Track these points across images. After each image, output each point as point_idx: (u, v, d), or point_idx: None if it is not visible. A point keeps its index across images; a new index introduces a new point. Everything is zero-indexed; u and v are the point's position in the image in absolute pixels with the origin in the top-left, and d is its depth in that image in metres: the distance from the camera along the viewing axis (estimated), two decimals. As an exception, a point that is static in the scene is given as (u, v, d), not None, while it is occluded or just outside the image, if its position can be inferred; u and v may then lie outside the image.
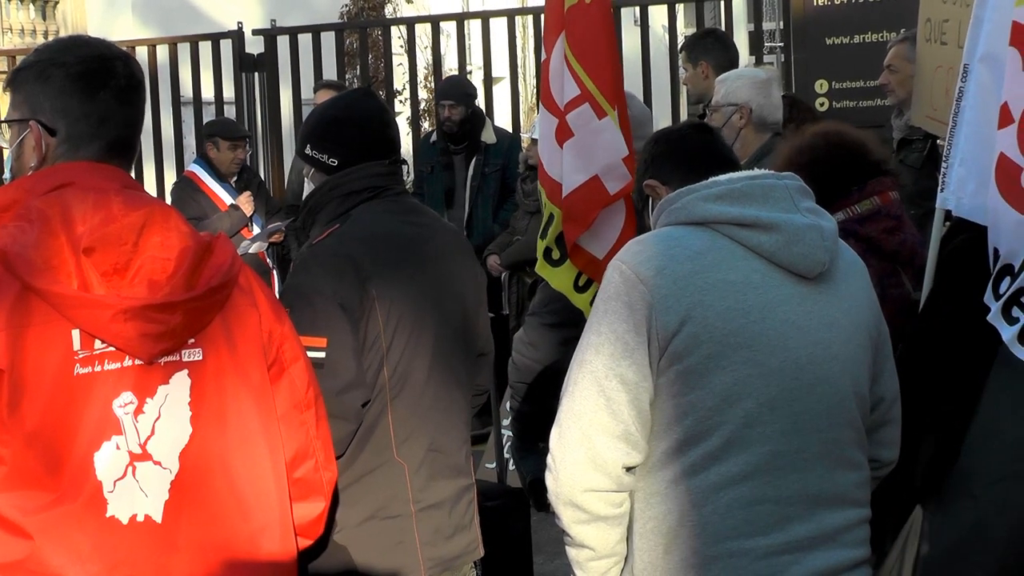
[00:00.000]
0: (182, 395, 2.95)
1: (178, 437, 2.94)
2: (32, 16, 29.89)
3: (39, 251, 2.80)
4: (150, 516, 2.89)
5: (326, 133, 4.34)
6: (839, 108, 9.16)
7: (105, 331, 2.82)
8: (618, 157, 5.28)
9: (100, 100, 3.03)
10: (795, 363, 3.33)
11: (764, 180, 3.48)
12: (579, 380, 3.34)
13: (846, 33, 9.24)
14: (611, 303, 3.34)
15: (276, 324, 3.20)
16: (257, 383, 3.10)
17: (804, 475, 3.33)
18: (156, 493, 2.90)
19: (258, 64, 12.34)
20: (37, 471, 2.78)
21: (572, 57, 5.36)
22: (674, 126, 4.49)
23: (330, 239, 4.15)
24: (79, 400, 2.81)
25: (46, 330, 2.79)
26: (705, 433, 3.27)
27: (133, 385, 2.88)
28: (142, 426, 2.88)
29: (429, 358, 4.16)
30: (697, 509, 3.28)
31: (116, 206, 2.91)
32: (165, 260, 2.91)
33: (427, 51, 15.55)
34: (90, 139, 3.02)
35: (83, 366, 2.82)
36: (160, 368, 2.92)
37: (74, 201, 2.88)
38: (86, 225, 2.84)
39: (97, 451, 2.83)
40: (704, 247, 3.36)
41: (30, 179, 2.99)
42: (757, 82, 6.50)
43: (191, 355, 2.97)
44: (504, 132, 10.83)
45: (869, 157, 4.76)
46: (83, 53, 3.07)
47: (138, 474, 2.88)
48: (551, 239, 5.52)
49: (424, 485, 4.15)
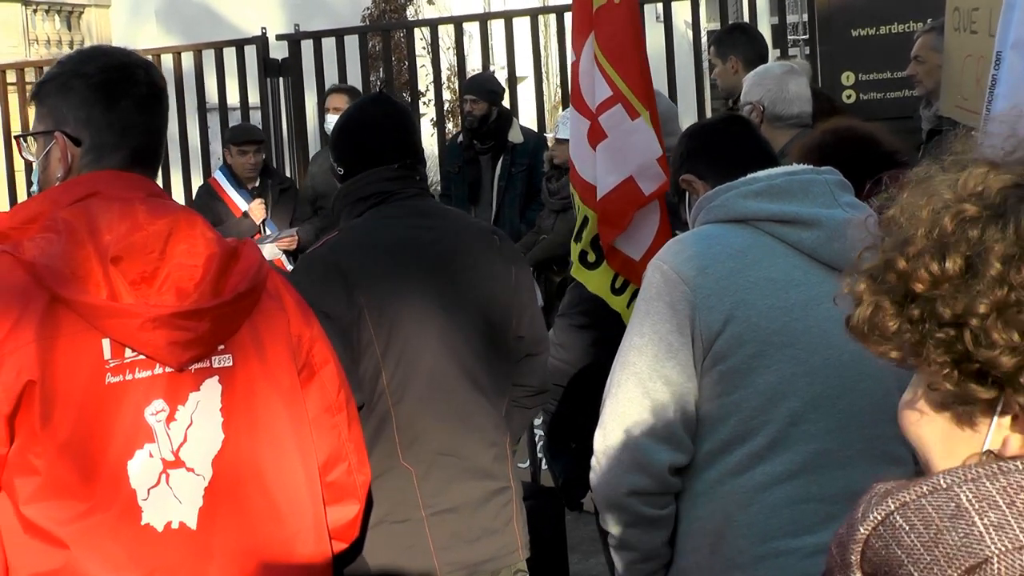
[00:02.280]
0: (213, 401, 2.95)
1: (211, 443, 2.94)
2: (58, 27, 30.03)
3: (67, 262, 2.79)
4: (185, 523, 2.88)
5: (335, 142, 4.41)
6: (866, 100, 9.11)
7: (134, 339, 2.82)
8: (652, 157, 5.25)
9: (122, 109, 3.02)
10: (838, 360, 3.31)
11: (803, 175, 3.46)
12: (623, 382, 3.33)
13: (872, 24, 9.18)
14: (653, 303, 3.32)
15: (305, 327, 3.19)
16: (288, 387, 3.10)
17: (849, 472, 3.31)
18: (190, 500, 2.90)
19: (283, 69, 12.34)
20: (71, 481, 2.78)
21: (603, 58, 5.34)
22: (709, 119, 4.46)
23: (323, 247, 4.19)
24: (111, 409, 2.81)
25: (76, 340, 2.79)
26: (750, 433, 3.26)
27: (164, 393, 2.88)
28: (174, 433, 2.88)
29: (433, 362, 4.14)
30: (743, 509, 3.27)
31: (142, 215, 2.90)
32: (192, 267, 2.91)
33: (449, 52, 15.57)
34: (113, 148, 3.01)
35: (114, 375, 2.82)
36: (191, 375, 2.91)
37: (100, 211, 2.88)
38: (113, 234, 2.84)
39: (130, 459, 2.83)
40: (745, 245, 3.35)
41: (55, 191, 2.99)
42: (769, 77, 6.47)
43: (221, 361, 2.97)
44: (531, 132, 10.81)
45: (880, 148, 4.72)
46: (104, 63, 3.07)
47: (172, 481, 2.88)
48: (586, 242, 5.49)
49: (436, 489, 4.13)
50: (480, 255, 4.31)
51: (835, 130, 4.67)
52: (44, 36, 29.30)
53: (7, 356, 2.73)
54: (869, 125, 4.91)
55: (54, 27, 29.80)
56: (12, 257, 2.82)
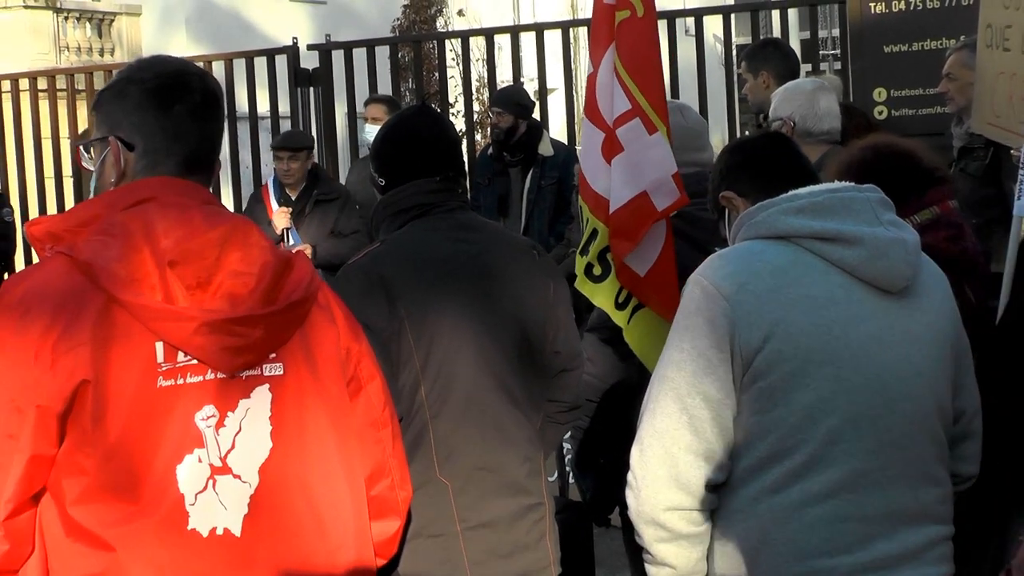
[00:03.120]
0: (263, 409, 2.95)
1: (258, 451, 2.94)
2: (88, 34, 30.16)
3: (123, 264, 2.81)
4: (229, 530, 2.88)
5: (377, 153, 4.39)
6: (898, 116, 9.08)
7: (188, 343, 2.83)
8: (667, 173, 5.23)
9: (175, 115, 3.03)
10: (879, 379, 3.30)
11: (845, 193, 3.45)
12: (660, 397, 3.32)
13: (904, 41, 9.15)
14: (692, 319, 3.32)
15: (354, 341, 3.20)
16: (336, 399, 3.10)
17: (887, 492, 3.30)
18: (236, 507, 2.90)
19: (313, 79, 12.37)
20: (119, 483, 2.78)
21: (623, 71, 5.32)
22: (749, 136, 4.45)
23: (365, 259, 4.17)
24: (162, 412, 2.82)
25: (130, 342, 2.79)
26: (788, 451, 3.25)
27: (215, 398, 2.88)
28: (223, 439, 2.89)
29: (472, 376, 4.13)
30: (780, 527, 3.26)
31: (198, 221, 2.91)
32: (247, 275, 2.91)
33: (478, 63, 15.59)
34: (167, 154, 3.03)
35: (166, 379, 2.82)
36: (242, 382, 2.92)
37: (156, 216, 2.89)
38: (169, 239, 2.85)
39: (179, 464, 2.83)
40: (786, 262, 3.34)
41: (111, 194, 3.00)
42: (798, 93, 6.46)
43: (272, 370, 2.97)
44: (561, 144, 10.79)
45: (922, 165, 4.71)
46: (159, 70, 3.09)
47: (218, 487, 2.88)
48: (593, 255, 5.48)
49: (472, 504, 4.12)
50: (520, 269, 4.31)
51: (875, 146, 4.65)
52: (75, 43, 29.44)
53: (61, 355, 2.74)
54: (909, 141, 4.90)
55: (85, 34, 29.94)
56: (68, 258, 2.83)
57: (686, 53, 10.72)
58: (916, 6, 9.13)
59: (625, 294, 5.33)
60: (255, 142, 12.48)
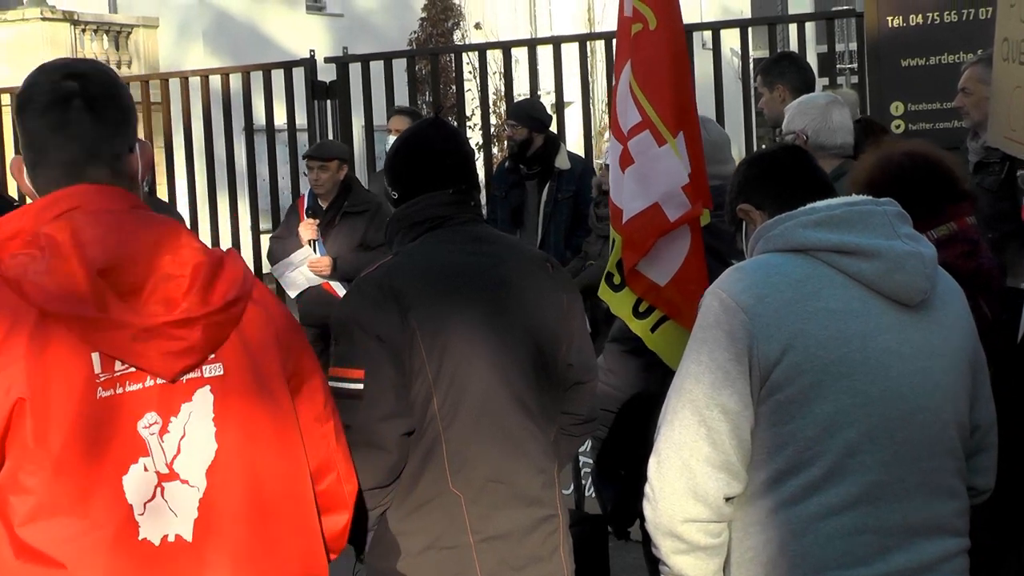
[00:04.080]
0: (205, 411, 2.93)
1: (204, 454, 2.91)
2: (105, 46, 30.26)
3: (53, 277, 2.78)
4: (181, 536, 2.86)
5: (390, 165, 4.40)
6: (915, 130, 9.09)
7: (126, 352, 2.80)
8: (677, 185, 5.24)
9: (55, 117, 3.00)
10: (896, 392, 3.31)
11: (863, 206, 3.45)
12: (679, 409, 3.32)
13: (922, 54, 9.17)
14: (711, 331, 3.32)
15: (294, 337, 3.18)
16: (279, 396, 3.08)
17: (904, 505, 3.30)
18: (185, 512, 2.88)
19: (330, 91, 12.40)
20: (67, 499, 2.75)
21: (635, 84, 5.35)
22: (766, 149, 4.44)
23: (378, 271, 4.16)
24: (104, 423, 2.79)
25: (66, 355, 2.76)
26: (806, 463, 3.25)
27: (157, 405, 2.86)
28: (168, 445, 2.86)
29: (484, 388, 4.12)
30: (797, 539, 3.26)
31: (126, 228, 2.89)
32: (180, 277, 2.89)
33: (495, 76, 15.60)
34: (59, 156, 3.00)
35: (105, 389, 2.79)
36: (182, 386, 2.89)
37: (83, 225, 2.86)
38: (97, 248, 2.82)
39: (125, 474, 2.81)
40: (804, 275, 3.34)
41: (35, 206, 2.96)
42: (812, 107, 6.46)
43: (212, 370, 2.94)
44: (578, 158, 10.78)
45: (951, 177, 4.69)
46: (41, 78, 3.05)
47: (167, 494, 2.85)
48: (612, 264, 5.50)
49: (485, 515, 4.11)
50: (533, 282, 4.31)
51: (912, 155, 4.62)
52: (92, 55, 29.53)
53: None
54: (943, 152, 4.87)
55: (102, 47, 30.03)
56: (7, 284, 2.80)
57: (703, 67, 10.72)
58: (934, 20, 9.15)
59: (645, 304, 5.34)
60: (272, 154, 12.51)
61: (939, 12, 9.17)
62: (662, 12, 5.38)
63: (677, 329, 5.23)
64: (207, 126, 12.52)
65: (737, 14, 34.63)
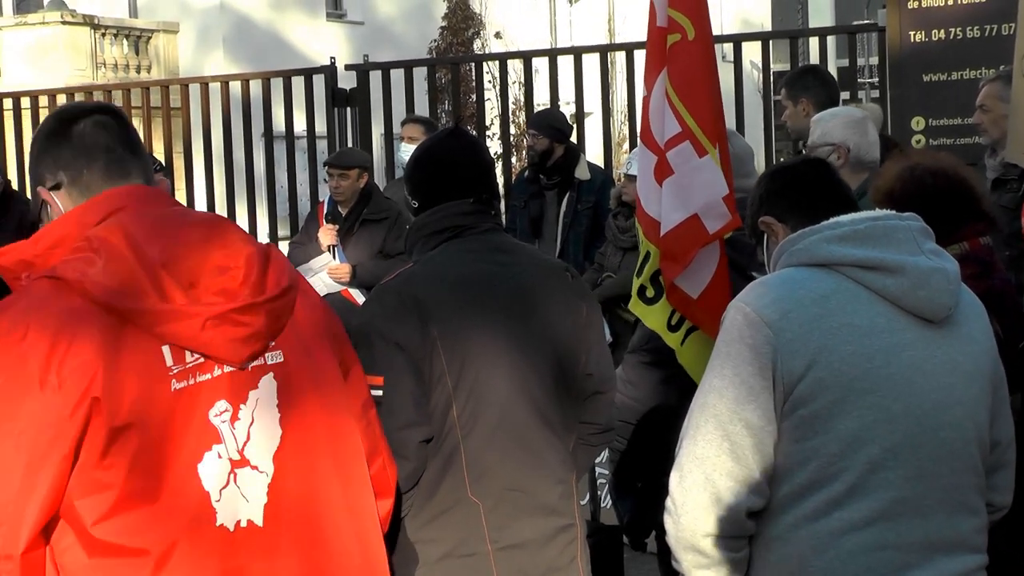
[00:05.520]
0: (270, 397, 2.98)
1: (271, 440, 2.97)
2: (125, 51, 30.32)
3: (113, 276, 2.81)
4: (252, 521, 2.92)
5: (410, 175, 4.41)
6: (936, 145, 9.06)
7: (196, 340, 2.85)
8: (718, 196, 5.23)
9: (76, 134, 3.08)
10: (920, 408, 3.30)
11: (887, 221, 3.45)
12: (702, 423, 3.31)
13: (944, 70, 9.15)
14: (734, 346, 3.31)
15: (339, 325, 3.27)
16: (334, 381, 3.15)
17: (925, 521, 3.30)
18: (256, 498, 2.94)
19: (350, 99, 12.40)
20: (146, 490, 2.79)
21: (674, 94, 5.33)
22: (789, 161, 4.43)
23: (397, 279, 4.18)
24: (178, 414, 2.83)
25: (138, 352, 2.80)
26: (828, 478, 3.25)
27: (227, 393, 2.91)
28: (238, 432, 2.92)
29: (504, 397, 4.13)
30: (818, 554, 3.26)
31: (174, 224, 2.95)
32: (234, 268, 2.94)
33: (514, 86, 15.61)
34: (90, 167, 3.07)
35: (179, 380, 2.84)
36: (248, 373, 2.95)
37: (132, 225, 2.90)
38: (153, 244, 2.86)
39: (200, 462, 2.86)
40: (829, 290, 3.33)
41: (78, 212, 3.00)
42: (853, 120, 6.44)
43: (273, 357, 3.00)
44: (597, 168, 10.78)
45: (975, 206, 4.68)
46: (52, 117, 3.18)
47: (239, 480, 2.91)
48: (646, 277, 5.49)
49: (503, 524, 4.12)
50: (553, 291, 4.31)
51: (934, 173, 4.61)
52: (112, 60, 29.58)
53: (68, 377, 2.73)
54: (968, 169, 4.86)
55: (122, 51, 30.08)
56: (54, 281, 2.83)
57: (723, 79, 10.63)
58: (956, 35, 9.13)
59: (678, 316, 5.34)
60: (291, 161, 12.51)
61: (962, 28, 9.15)
62: (699, 23, 5.38)
63: (702, 342, 5.22)
64: (226, 132, 12.52)
65: (757, 27, 34.63)
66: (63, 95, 13.64)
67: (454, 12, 31.81)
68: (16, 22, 29.71)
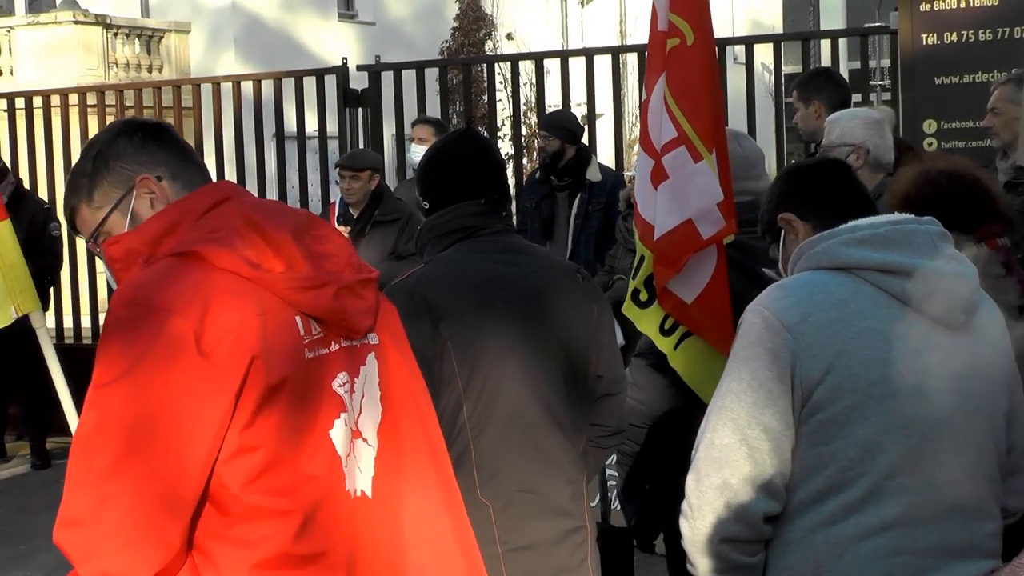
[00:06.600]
0: (374, 374, 3.06)
1: (375, 415, 3.05)
2: (137, 51, 30.33)
3: (244, 250, 2.86)
4: (364, 492, 2.99)
5: (422, 176, 4.41)
6: (948, 148, 9.05)
7: (329, 309, 2.92)
8: (712, 202, 5.22)
9: (168, 144, 3.15)
10: (937, 414, 3.30)
11: (907, 225, 3.44)
12: (719, 427, 3.31)
13: (956, 73, 9.14)
14: (753, 349, 3.31)
15: None
16: (414, 365, 3.25)
17: (941, 526, 3.30)
18: (367, 469, 3.00)
19: (362, 100, 12.41)
20: (293, 450, 2.84)
21: (671, 99, 5.32)
22: (806, 161, 4.42)
23: (408, 279, 4.19)
24: (311, 382, 2.89)
25: (282, 318, 2.86)
26: (846, 483, 3.25)
27: (346, 365, 2.98)
28: (354, 404, 2.99)
29: (514, 398, 4.14)
30: (835, 559, 3.25)
31: (277, 209, 3.03)
32: (335, 254, 3.01)
33: (526, 87, 15.61)
34: (184, 171, 3.13)
35: (309, 351, 2.90)
36: (359, 349, 3.03)
37: (246, 209, 2.97)
38: (271, 224, 2.93)
39: (331, 428, 2.92)
40: (848, 294, 3.33)
41: (184, 202, 3.03)
42: (872, 121, 6.43)
43: (373, 338, 3.09)
44: (609, 170, 10.75)
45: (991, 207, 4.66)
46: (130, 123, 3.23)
47: (356, 450, 2.98)
48: (639, 280, 5.48)
49: (513, 526, 4.12)
50: (564, 292, 4.30)
51: (951, 174, 4.60)
52: (124, 60, 29.60)
53: (222, 340, 2.75)
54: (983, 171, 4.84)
55: (134, 51, 30.09)
56: (183, 256, 2.85)
57: (735, 81, 10.70)
58: (968, 38, 9.12)
59: (671, 321, 5.32)
60: (303, 162, 12.52)
61: (974, 30, 9.14)
62: (699, 28, 5.37)
63: (698, 347, 5.22)
64: (238, 132, 12.54)
65: (769, 29, 34.56)
66: (75, 95, 13.65)
67: (466, 13, 31.81)
68: (28, 21, 29.72)
